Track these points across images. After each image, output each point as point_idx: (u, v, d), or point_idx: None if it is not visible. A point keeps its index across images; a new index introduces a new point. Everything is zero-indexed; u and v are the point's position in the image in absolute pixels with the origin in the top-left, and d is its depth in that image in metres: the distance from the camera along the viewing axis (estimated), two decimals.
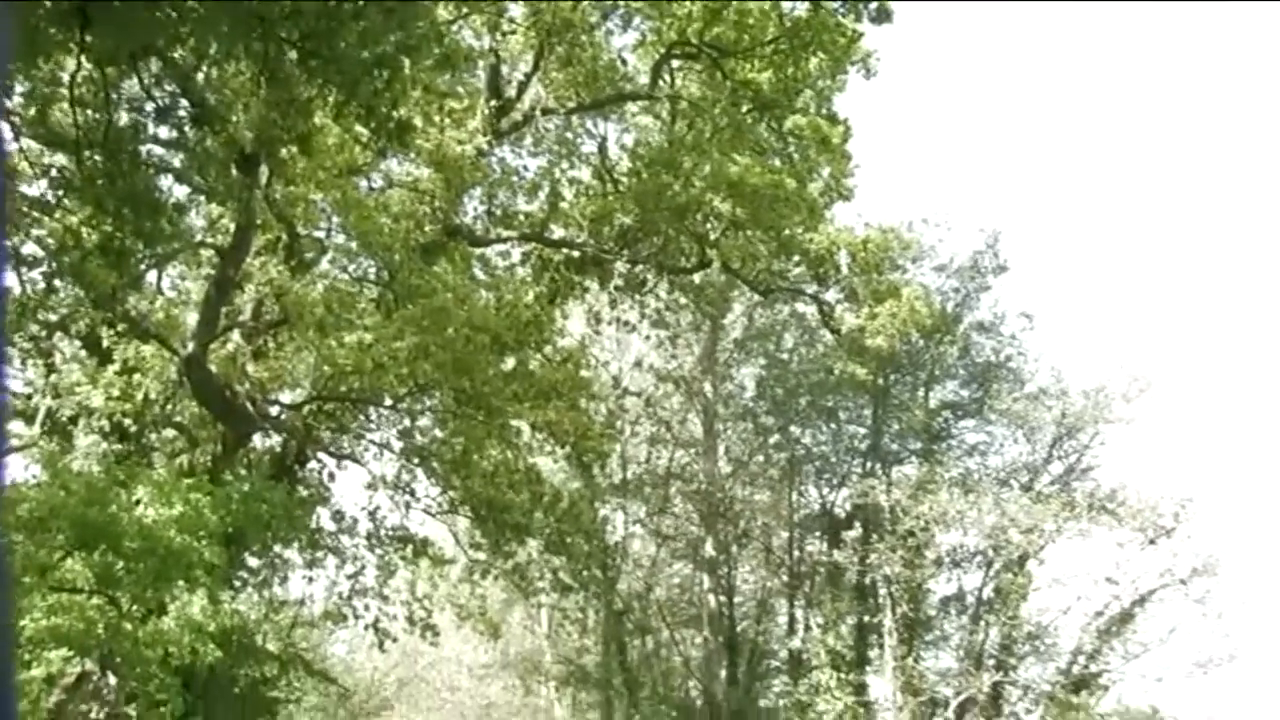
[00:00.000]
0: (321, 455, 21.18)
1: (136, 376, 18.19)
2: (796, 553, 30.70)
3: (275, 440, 21.20)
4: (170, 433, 20.00)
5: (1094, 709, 27.59)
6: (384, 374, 18.24)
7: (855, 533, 27.66)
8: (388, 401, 20.41)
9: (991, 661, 27.49)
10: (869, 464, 29.65)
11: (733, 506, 30.19)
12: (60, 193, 15.01)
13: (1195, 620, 26.06)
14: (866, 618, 28.60)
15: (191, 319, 19.19)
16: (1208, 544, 26.15)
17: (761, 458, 31.22)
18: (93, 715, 15.92)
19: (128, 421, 18.32)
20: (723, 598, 29.57)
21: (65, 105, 13.05)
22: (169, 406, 19.23)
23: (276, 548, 20.47)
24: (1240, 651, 26.49)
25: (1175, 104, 64.98)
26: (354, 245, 19.59)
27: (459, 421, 19.74)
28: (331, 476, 21.46)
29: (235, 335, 19.39)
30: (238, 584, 18.76)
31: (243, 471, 19.26)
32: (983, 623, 27.96)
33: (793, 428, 30.66)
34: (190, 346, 17.99)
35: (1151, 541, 26.24)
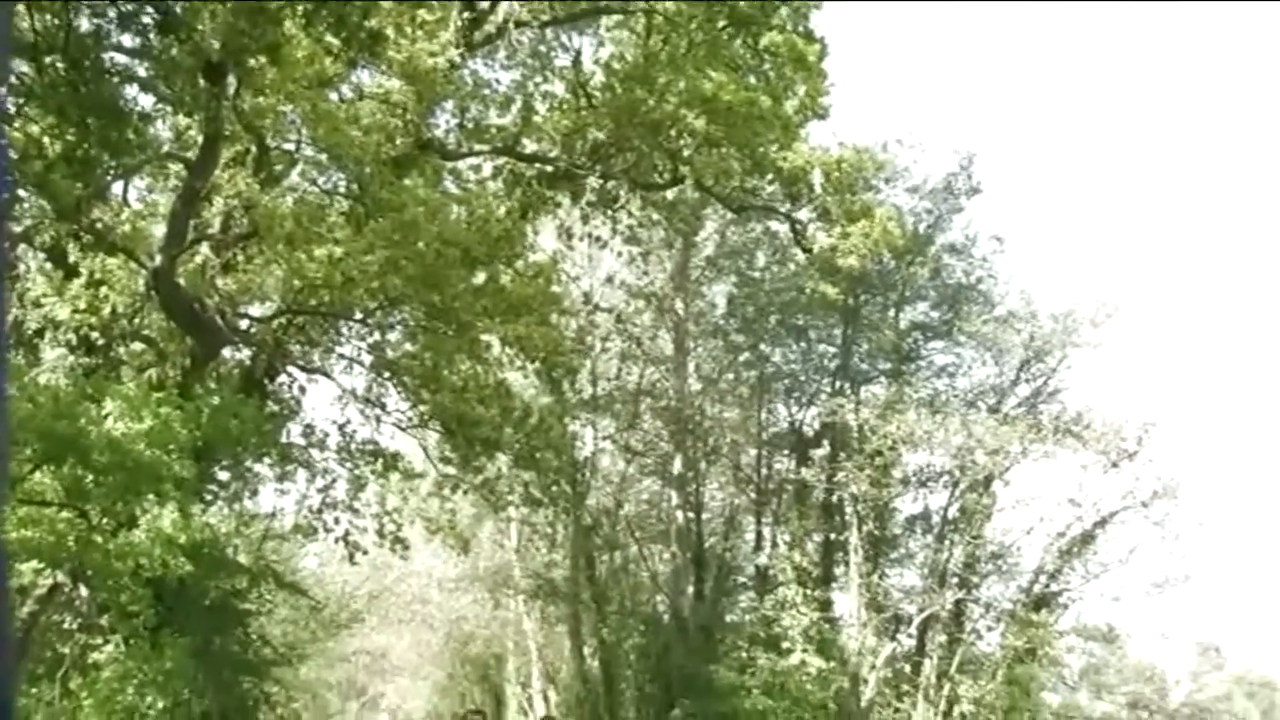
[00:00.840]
0: (291, 369, 21.12)
1: (103, 289, 17.98)
2: (765, 470, 30.97)
3: (245, 354, 21.08)
4: (138, 346, 19.84)
5: (1052, 626, 28.19)
6: (354, 288, 18.10)
7: (823, 451, 27.90)
8: (358, 315, 20.30)
9: (955, 580, 27.93)
10: (838, 383, 29.80)
11: (702, 424, 30.33)
12: (21, 100, 14.70)
13: (1154, 542, 26.64)
14: (833, 535, 28.96)
15: (159, 231, 18.94)
16: (1169, 468, 26.64)
17: (731, 375, 31.32)
18: (66, 626, 16.04)
19: (95, 335, 18.15)
20: (691, 514, 29.79)
21: (22, 8, 12.71)
22: (137, 320, 19.05)
23: (247, 462, 20.47)
24: (1195, 572, 27.17)
25: (1149, 30, 64.74)
26: (324, 158, 19.30)
27: (429, 336, 19.68)
28: (302, 390, 21.47)
29: (204, 248, 19.16)
30: (208, 497, 18.76)
31: (212, 385, 19.18)
32: (947, 542, 28.37)
33: (763, 346, 30.73)
34: (158, 259, 17.78)
35: (1114, 464, 26.64)
